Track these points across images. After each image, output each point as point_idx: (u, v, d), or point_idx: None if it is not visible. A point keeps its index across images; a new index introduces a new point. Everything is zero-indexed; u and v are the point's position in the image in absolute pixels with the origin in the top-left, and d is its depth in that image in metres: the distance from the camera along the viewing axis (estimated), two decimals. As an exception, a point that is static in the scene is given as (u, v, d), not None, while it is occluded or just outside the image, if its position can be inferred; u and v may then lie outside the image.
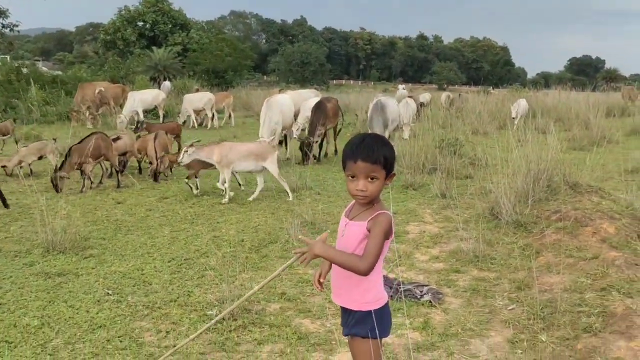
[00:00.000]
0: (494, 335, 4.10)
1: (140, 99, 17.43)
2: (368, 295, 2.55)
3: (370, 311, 2.54)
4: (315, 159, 11.71)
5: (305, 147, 11.09)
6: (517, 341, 3.97)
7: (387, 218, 2.47)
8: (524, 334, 4.07)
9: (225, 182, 8.14)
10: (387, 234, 2.47)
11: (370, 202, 2.52)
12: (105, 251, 5.96)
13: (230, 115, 19.70)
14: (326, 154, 12.52)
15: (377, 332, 2.53)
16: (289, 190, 8.19)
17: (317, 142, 11.41)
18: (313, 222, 6.65)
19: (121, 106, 17.98)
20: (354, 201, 2.60)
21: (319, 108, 11.48)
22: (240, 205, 7.94)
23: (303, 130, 11.82)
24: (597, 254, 5.25)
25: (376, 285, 2.57)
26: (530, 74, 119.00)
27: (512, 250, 5.76)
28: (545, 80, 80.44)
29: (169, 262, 5.63)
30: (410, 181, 8.95)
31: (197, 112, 18.69)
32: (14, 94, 17.59)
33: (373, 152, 2.44)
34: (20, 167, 9.56)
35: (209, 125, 18.32)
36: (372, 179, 2.46)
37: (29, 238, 6.34)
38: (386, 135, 10.61)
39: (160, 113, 18.57)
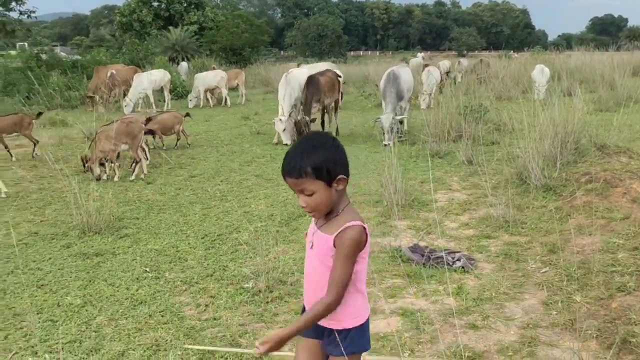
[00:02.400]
0: (528, 298, 4.13)
1: (148, 80, 16.96)
2: (343, 311, 2.21)
3: (345, 330, 2.24)
4: None
5: (303, 126, 10.52)
6: (551, 303, 4.00)
7: (355, 232, 2.11)
8: (558, 295, 4.09)
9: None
10: (356, 251, 2.13)
11: (330, 212, 2.20)
12: (139, 230, 6.09)
13: (243, 92, 19.73)
14: (337, 132, 11.91)
15: (352, 350, 2.24)
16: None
17: (314, 120, 10.82)
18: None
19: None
20: None
21: (311, 83, 10.84)
22: (267, 181, 8.01)
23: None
24: (628, 214, 5.23)
25: (354, 301, 2.23)
26: (552, 36, 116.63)
27: (543, 214, 5.75)
28: (567, 42, 78.72)
29: (202, 238, 5.74)
30: (435, 149, 8.92)
31: (211, 90, 18.70)
32: (36, 80, 17.79)
33: (295, 165, 2.10)
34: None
35: (229, 104, 18.40)
36: (308, 193, 2.14)
37: (64, 221, 6.49)
38: (402, 105, 10.50)
39: (166, 95, 18.08)
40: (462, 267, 4.64)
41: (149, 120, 9.56)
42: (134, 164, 8.57)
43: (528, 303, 4.06)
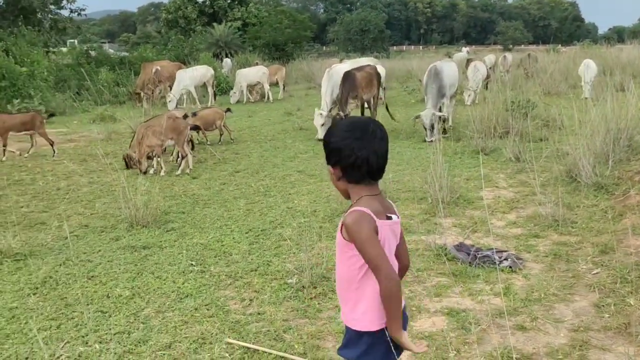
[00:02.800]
0: (578, 300, 4.01)
1: (190, 76, 17.04)
2: (357, 309, 2.15)
3: (360, 332, 2.15)
4: None
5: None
6: (603, 305, 3.87)
7: (349, 217, 2.07)
8: (611, 297, 3.96)
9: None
10: (363, 233, 2.04)
11: (348, 197, 2.21)
12: (185, 224, 6.18)
13: (284, 88, 19.77)
14: None
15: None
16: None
17: (347, 116, 10.49)
18: (384, 191, 6.64)
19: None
20: None
21: (347, 79, 10.75)
22: (310, 177, 8.02)
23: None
24: (686, 215, 5.02)
25: (370, 301, 2.12)
26: (602, 29, 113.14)
27: (594, 213, 5.58)
28: (618, 35, 76.08)
29: (246, 233, 5.79)
30: (481, 146, 8.76)
31: (252, 86, 18.83)
32: (85, 76, 18.27)
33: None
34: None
35: (272, 99, 18.53)
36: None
37: (112, 214, 6.65)
38: (444, 102, 10.31)
39: (210, 90, 18.13)
40: (510, 267, 4.54)
41: (185, 116, 9.62)
42: (180, 159, 8.71)
43: (579, 305, 3.94)
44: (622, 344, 3.36)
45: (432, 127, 9.71)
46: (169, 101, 16.00)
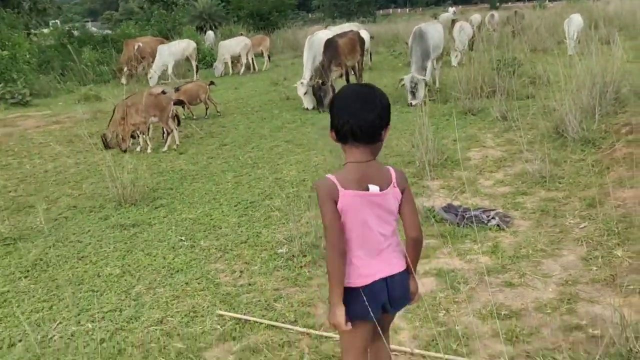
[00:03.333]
0: (566, 254, 4.04)
1: (170, 52, 16.50)
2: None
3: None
4: None
5: (317, 91, 10.20)
6: (591, 258, 3.90)
7: (315, 184, 2.31)
8: (598, 250, 3.99)
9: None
10: (321, 202, 2.16)
11: None
12: (173, 200, 6.16)
13: (269, 58, 19.54)
14: None
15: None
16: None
17: (325, 83, 10.21)
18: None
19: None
20: None
21: (328, 47, 10.45)
22: (298, 147, 7.98)
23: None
24: (672, 165, 5.03)
25: (351, 262, 2.22)
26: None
27: (581, 168, 5.58)
28: (605, -12, 75.30)
29: (235, 206, 5.78)
30: (468, 106, 8.72)
31: (237, 58, 18.58)
32: (68, 56, 17.96)
33: None
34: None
35: (257, 69, 18.35)
36: None
37: (100, 193, 6.61)
38: (428, 65, 10.19)
39: (193, 64, 17.74)
40: (498, 225, 4.56)
41: (164, 92, 9.37)
42: (165, 135, 8.64)
43: (566, 259, 3.97)
44: (610, 296, 3.38)
45: (415, 90, 9.64)
46: (150, 77, 15.70)
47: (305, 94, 10.56)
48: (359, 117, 2.14)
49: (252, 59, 18.47)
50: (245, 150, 8.08)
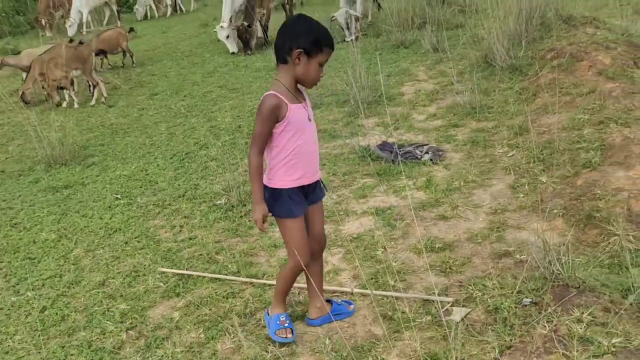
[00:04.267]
0: (495, 184, 4.19)
1: None
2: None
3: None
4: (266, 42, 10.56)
5: (243, 33, 9.89)
6: (518, 186, 4.06)
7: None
8: (525, 177, 4.14)
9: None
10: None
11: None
12: (106, 157, 6.00)
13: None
14: None
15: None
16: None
17: (250, 25, 9.99)
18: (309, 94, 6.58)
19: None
20: (281, 87, 2.60)
21: None
22: (231, 91, 7.83)
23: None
24: (593, 88, 5.20)
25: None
26: None
27: (509, 96, 5.72)
28: None
29: (170, 158, 5.68)
30: (400, 39, 8.69)
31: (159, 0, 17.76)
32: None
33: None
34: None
35: (184, 10, 17.65)
36: None
37: (28, 155, 6.36)
38: (358, 3, 10.01)
39: (113, 8, 16.59)
40: (431, 160, 4.67)
41: (81, 42, 8.90)
42: (92, 88, 8.29)
43: (496, 188, 4.12)
44: (536, 221, 3.56)
45: (349, 25, 9.51)
46: (69, 26, 14.64)
47: (227, 37, 10.09)
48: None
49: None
50: (178, 98, 7.88)
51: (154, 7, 17.59)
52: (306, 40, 2.48)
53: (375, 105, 6.21)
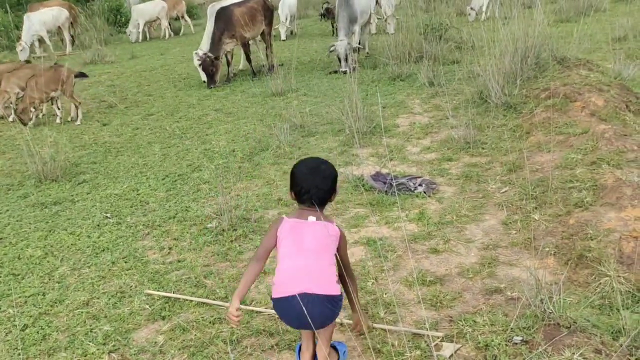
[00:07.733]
0: (488, 219, 4.19)
1: (39, 20, 14.65)
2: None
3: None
4: (254, 75, 10.19)
5: (209, 66, 9.51)
6: (510, 222, 4.06)
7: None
8: (517, 214, 4.15)
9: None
10: (271, 228, 2.65)
11: None
12: (97, 175, 5.95)
13: (184, 22, 18.94)
14: (281, 64, 10.86)
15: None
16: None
17: (217, 58, 9.64)
18: (302, 125, 6.61)
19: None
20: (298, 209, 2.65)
21: (220, 17, 9.57)
22: (227, 115, 7.84)
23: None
24: (586, 129, 5.26)
25: (277, 274, 2.56)
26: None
27: (503, 133, 5.76)
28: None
29: (162, 179, 5.65)
30: (397, 72, 8.79)
31: (151, 23, 17.84)
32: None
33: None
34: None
35: (167, 36, 17.75)
36: None
37: (19, 170, 6.31)
38: (356, 30, 10.10)
39: (66, 35, 15.86)
40: (424, 192, 4.67)
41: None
42: (76, 110, 8.25)
43: (488, 224, 4.12)
44: (527, 258, 3.55)
45: (347, 57, 9.61)
46: (21, 50, 14.04)
47: (200, 65, 9.68)
48: (316, 189, 2.58)
49: (167, 25, 17.78)
50: (173, 119, 7.87)
51: (146, 30, 17.67)
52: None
53: (370, 136, 6.23)
